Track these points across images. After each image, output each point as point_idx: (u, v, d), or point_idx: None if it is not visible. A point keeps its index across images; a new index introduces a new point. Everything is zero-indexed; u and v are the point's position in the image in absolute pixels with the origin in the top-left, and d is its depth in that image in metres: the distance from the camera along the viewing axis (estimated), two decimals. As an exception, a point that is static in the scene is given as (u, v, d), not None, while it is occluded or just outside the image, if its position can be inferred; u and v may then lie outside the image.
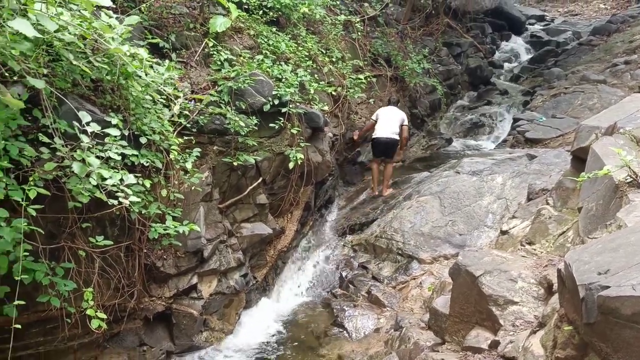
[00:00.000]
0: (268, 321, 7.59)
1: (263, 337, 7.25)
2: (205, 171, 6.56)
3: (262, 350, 6.95)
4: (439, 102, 14.70)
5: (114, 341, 6.03)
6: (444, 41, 16.35)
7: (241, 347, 6.96)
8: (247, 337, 7.19)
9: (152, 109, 5.92)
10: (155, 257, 6.12)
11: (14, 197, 4.37)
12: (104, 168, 4.75)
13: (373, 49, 12.17)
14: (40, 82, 4.27)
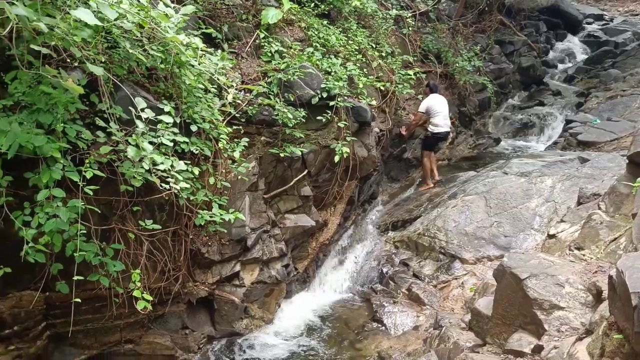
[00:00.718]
0: (307, 312, 7.63)
1: (302, 328, 7.30)
2: (252, 161, 6.65)
3: (301, 341, 7.00)
4: (489, 100, 14.41)
5: (158, 323, 6.20)
6: (496, 39, 16.00)
7: (280, 337, 7.04)
8: (286, 327, 7.26)
9: (203, 97, 6.04)
10: (200, 243, 6.24)
11: (72, 178, 4.54)
12: (157, 153, 4.88)
13: (423, 45, 12.03)
14: (99, 69, 4.42)
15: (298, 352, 6.75)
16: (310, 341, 7.00)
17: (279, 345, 6.89)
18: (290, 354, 6.71)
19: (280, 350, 6.76)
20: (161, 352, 6.17)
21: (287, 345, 6.88)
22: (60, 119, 4.63)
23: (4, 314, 5.08)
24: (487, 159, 12.31)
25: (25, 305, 5.18)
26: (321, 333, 7.20)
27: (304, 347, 6.86)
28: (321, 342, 6.99)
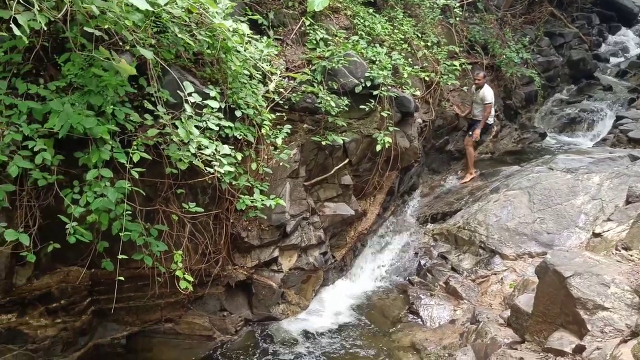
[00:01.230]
0: (343, 301, 7.66)
1: (337, 316, 7.33)
2: (294, 148, 6.67)
3: (336, 329, 7.03)
4: (536, 94, 14.03)
5: (197, 304, 6.33)
6: (545, 31, 15.52)
7: (315, 323, 7.09)
8: (322, 314, 7.31)
9: (248, 83, 6.08)
10: (240, 228, 6.33)
11: (119, 159, 4.66)
12: (203, 137, 4.95)
13: (470, 36, 11.79)
14: (148, 53, 4.50)
15: (332, 339, 6.79)
16: (346, 329, 7.03)
17: (314, 331, 6.94)
18: (325, 340, 6.75)
19: (315, 337, 6.82)
20: (199, 333, 6.31)
21: (321, 332, 6.92)
22: (110, 101, 4.74)
23: (52, 288, 5.29)
24: (532, 154, 12.02)
25: (72, 280, 5.37)
26: (356, 322, 7.22)
27: (339, 334, 6.90)
28: (356, 330, 7.01)
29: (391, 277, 8.39)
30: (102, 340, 5.83)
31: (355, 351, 6.53)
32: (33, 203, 4.76)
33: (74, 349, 5.55)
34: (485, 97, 9.79)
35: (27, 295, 5.16)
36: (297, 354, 6.46)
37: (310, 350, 6.53)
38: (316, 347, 6.60)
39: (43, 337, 5.32)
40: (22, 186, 4.67)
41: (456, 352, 5.94)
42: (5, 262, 4.86)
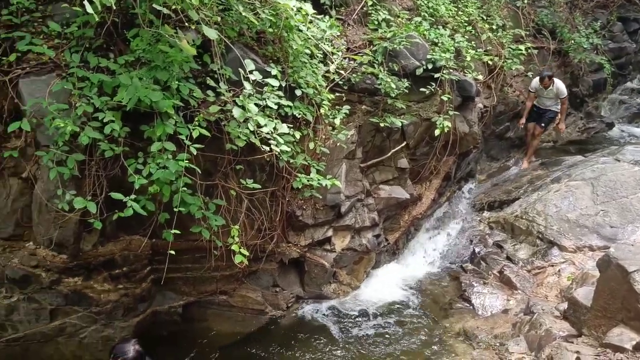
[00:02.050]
0: (394, 284, 7.65)
1: (388, 298, 7.33)
2: (352, 129, 6.66)
3: (385, 311, 7.04)
4: (604, 82, 13.40)
5: (251, 278, 6.47)
6: (619, 15, 14.73)
7: (366, 305, 7.12)
8: (372, 296, 7.32)
9: (309, 63, 6.09)
10: (296, 206, 6.40)
11: (182, 133, 4.78)
12: (261, 115, 5.01)
13: (537, 19, 11.35)
14: (213, 33, 4.55)
15: (382, 321, 6.81)
16: (395, 312, 7.02)
17: (364, 312, 6.97)
18: (374, 322, 6.78)
19: (364, 318, 6.85)
20: (252, 306, 6.46)
21: (372, 314, 6.95)
22: (175, 76, 4.87)
23: (116, 255, 5.52)
24: (597, 144, 11.56)
25: (134, 249, 5.59)
26: (407, 305, 7.20)
27: (389, 317, 6.90)
28: (406, 314, 6.99)
29: (443, 263, 8.31)
30: (160, 308, 6.06)
31: (404, 335, 6.53)
32: (100, 173, 4.97)
33: (133, 315, 5.80)
34: (560, 91, 9.63)
35: (92, 260, 5.41)
36: (346, 333, 6.52)
37: (359, 331, 6.57)
38: (365, 328, 6.64)
39: (106, 301, 5.58)
40: (91, 156, 4.88)
41: (508, 342, 5.85)
42: (73, 228, 5.10)
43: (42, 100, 4.60)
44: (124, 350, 3.81)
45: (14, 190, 5.17)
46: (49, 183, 4.86)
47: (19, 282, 5.35)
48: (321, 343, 6.35)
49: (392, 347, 6.27)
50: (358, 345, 6.32)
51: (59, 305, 5.49)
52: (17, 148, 4.97)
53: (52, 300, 5.45)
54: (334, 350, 6.22)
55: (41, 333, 5.50)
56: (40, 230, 5.15)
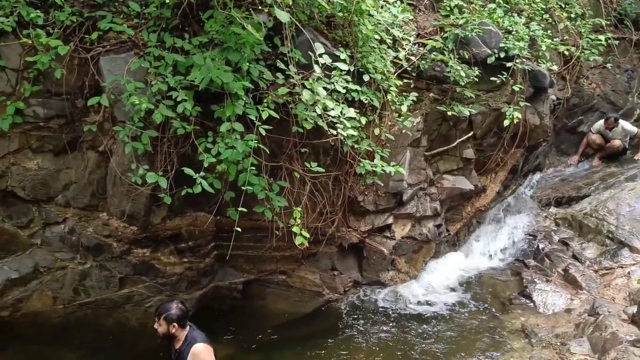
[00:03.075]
0: (453, 275, 7.56)
1: (446, 289, 7.27)
2: (418, 117, 6.58)
3: (442, 302, 6.97)
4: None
5: (310, 260, 6.56)
6: None
7: (423, 294, 7.08)
8: (430, 286, 7.27)
9: (378, 48, 6.05)
10: (357, 192, 6.41)
11: (250, 115, 4.87)
12: (329, 99, 5.03)
13: (620, 8, 10.75)
14: (285, 16, 4.57)
15: (439, 311, 6.75)
16: (453, 304, 6.94)
17: (421, 302, 6.94)
18: (432, 312, 6.73)
19: (421, 307, 6.82)
20: (310, 288, 6.55)
21: (429, 304, 6.90)
22: (247, 58, 4.95)
23: (182, 230, 5.73)
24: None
25: (200, 225, 5.77)
26: (465, 298, 7.11)
27: (446, 308, 6.83)
28: (464, 306, 6.90)
29: (505, 257, 8.13)
30: (221, 283, 6.25)
31: (461, 327, 6.45)
32: (172, 150, 5.14)
33: (196, 288, 6.01)
34: (629, 131, 9.32)
35: (160, 233, 5.63)
36: (400, 322, 6.51)
37: (414, 320, 6.54)
38: (420, 318, 6.60)
39: (171, 273, 5.80)
40: (164, 133, 5.05)
41: (570, 342, 5.69)
42: (144, 201, 5.32)
43: (120, 78, 4.79)
44: (168, 308, 4.00)
45: (91, 162, 5.43)
46: (124, 157, 5.08)
47: (92, 250, 5.65)
48: (375, 329, 6.37)
49: (446, 339, 6.21)
50: (412, 334, 6.30)
51: (127, 274, 5.77)
52: (96, 123, 5.21)
53: (121, 269, 5.74)
54: (387, 338, 6.23)
55: (110, 299, 5.80)
56: (113, 202, 5.41)
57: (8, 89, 5.09)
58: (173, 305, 4.04)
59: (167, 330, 4.01)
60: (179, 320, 3.99)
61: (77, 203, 5.57)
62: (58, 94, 5.13)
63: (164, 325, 4.00)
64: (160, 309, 4.08)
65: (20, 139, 5.28)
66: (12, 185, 5.41)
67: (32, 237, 5.66)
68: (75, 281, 5.76)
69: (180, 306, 4.06)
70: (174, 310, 3.98)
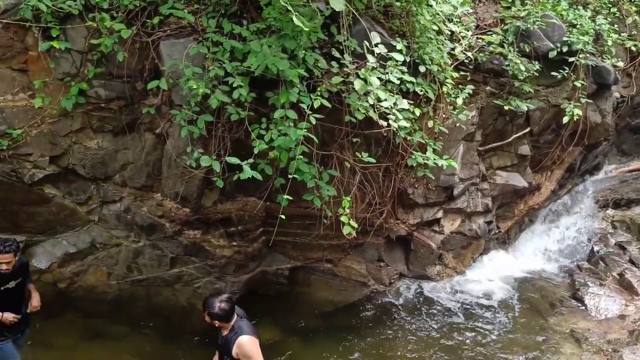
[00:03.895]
0: (502, 273, 7.42)
1: (493, 287, 7.13)
2: (473, 110, 6.45)
3: (489, 300, 6.86)
4: None
5: (357, 250, 6.56)
6: None
7: (470, 290, 6.98)
8: (477, 283, 7.16)
9: (435, 39, 5.96)
10: (408, 184, 6.36)
11: (304, 102, 4.89)
12: (382, 90, 4.98)
13: (694, 3, 10.21)
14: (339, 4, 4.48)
15: (485, 310, 6.64)
16: (500, 302, 6.82)
17: (467, 299, 6.84)
18: (478, 310, 6.63)
19: (467, 304, 6.72)
20: (355, 278, 6.56)
21: (476, 301, 6.80)
22: (303, 46, 4.96)
23: (232, 214, 5.83)
24: None
25: (249, 210, 5.86)
26: (512, 297, 6.96)
27: (492, 307, 6.72)
28: (511, 306, 6.77)
29: (557, 258, 7.93)
30: (268, 268, 6.33)
31: (507, 327, 6.33)
32: (226, 135, 5.22)
33: (243, 272, 6.11)
34: None
35: (211, 216, 5.75)
36: (446, 318, 6.45)
37: (458, 317, 6.47)
38: (465, 315, 6.52)
39: (220, 256, 5.92)
40: (219, 118, 5.13)
41: (623, 349, 5.52)
42: (198, 184, 5.44)
43: (179, 62, 4.89)
44: (212, 305, 3.98)
45: (147, 144, 5.58)
46: (179, 140, 5.20)
47: (146, 229, 5.82)
48: (419, 323, 6.34)
49: (492, 339, 6.11)
50: (457, 330, 6.23)
51: (178, 254, 5.92)
52: (154, 105, 5.34)
53: (173, 249, 5.89)
54: (430, 332, 6.19)
55: (161, 278, 5.97)
56: (168, 184, 5.55)
57: (73, 70, 5.27)
58: (216, 304, 3.97)
59: (211, 324, 4.05)
60: (220, 319, 3.94)
61: (133, 183, 5.74)
62: (119, 76, 5.29)
63: (208, 319, 4.04)
64: (206, 303, 4.06)
65: (82, 119, 5.47)
66: (73, 163, 5.63)
67: (90, 214, 5.89)
68: (129, 258, 5.96)
69: (223, 306, 3.97)
70: (217, 310, 3.94)
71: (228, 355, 4.02)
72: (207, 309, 4.00)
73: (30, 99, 5.37)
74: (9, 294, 4.64)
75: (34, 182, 5.60)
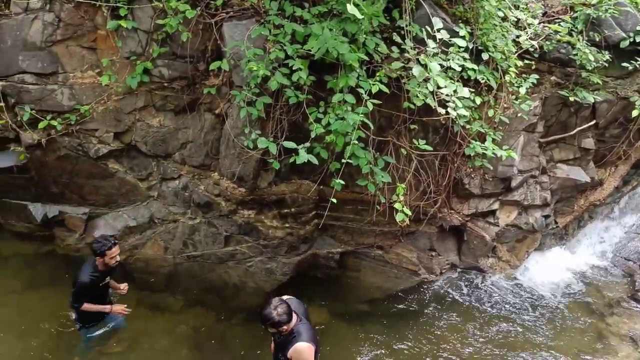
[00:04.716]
0: (557, 270, 7.22)
1: (547, 284, 6.95)
2: (536, 100, 6.24)
3: (543, 296, 6.69)
4: None
5: (409, 238, 6.51)
6: None
7: (522, 286, 6.82)
8: (531, 279, 7.00)
9: (500, 26, 5.79)
10: (464, 174, 6.24)
11: (363, 87, 4.86)
12: (442, 77, 4.89)
13: None
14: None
15: (538, 306, 6.50)
16: (554, 300, 6.65)
17: (520, 293, 6.70)
18: (530, 306, 6.49)
19: (520, 299, 6.58)
20: (405, 266, 6.52)
21: (528, 297, 6.65)
22: (364, 30, 4.92)
23: (286, 196, 5.88)
24: None
25: (303, 192, 5.90)
26: (567, 295, 6.78)
27: (546, 304, 6.56)
28: (566, 304, 6.59)
29: (617, 257, 7.64)
30: (319, 251, 6.37)
31: (560, 325, 6.18)
32: (283, 117, 5.26)
33: (295, 253, 6.18)
34: None
35: (265, 197, 5.83)
36: (497, 311, 6.34)
37: (511, 312, 6.35)
38: (518, 310, 6.39)
39: (273, 236, 6.00)
40: (277, 101, 5.17)
41: (685, 355, 5.28)
42: (254, 165, 5.52)
43: (241, 44, 4.95)
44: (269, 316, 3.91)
45: (207, 124, 5.70)
46: (238, 121, 5.28)
47: (202, 207, 5.97)
48: (469, 315, 6.26)
49: (544, 336, 5.98)
50: (507, 325, 6.13)
51: (232, 233, 6.04)
52: (215, 86, 5.43)
53: (227, 227, 6.02)
54: (480, 325, 6.10)
55: (215, 255, 6.11)
56: (225, 163, 5.65)
57: (139, 50, 5.43)
58: (273, 312, 3.91)
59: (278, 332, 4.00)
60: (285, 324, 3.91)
61: (192, 161, 5.88)
62: (182, 56, 5.40)
63: (274, 329, 3.97)
64: (263, 318, 3.96)
65: (146, 97, 5.64)
66: (136, 139, 5.82)
67: (150, 190, 6.08)
68: (185, 234, 6.13)
69: (279, 310, 3.92)
70: (277, 318, 3.89)
71: (283, 354, 4.04)
72: (268, 322, 3.92)
73: (98, 76, 5.58)
74: (105, 288, 5.18)
75: (98, 156, 5.84)
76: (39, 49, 5.46)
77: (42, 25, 5.40)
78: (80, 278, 4.88)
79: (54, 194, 6.14)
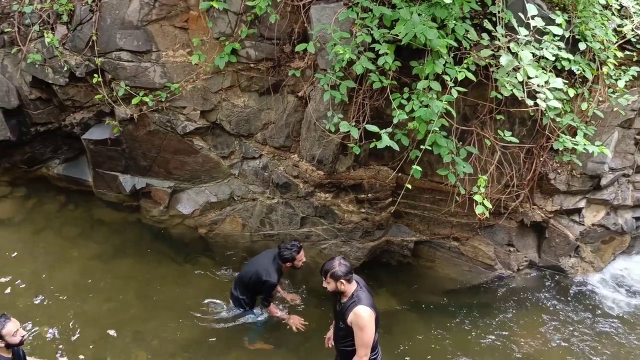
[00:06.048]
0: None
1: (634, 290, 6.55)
2: (635, 95, 5.85)
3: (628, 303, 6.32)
4: None
5: (487, 232, 6.33)
6: None
7: (606, 290, 6.47)
8: (616, 283, 6.62)
9: (600, 14, 5.47)
10: (550, 168, 5.97)
11: (449, 75, 4.74)
12: (533, 66, 4.68)
13: None
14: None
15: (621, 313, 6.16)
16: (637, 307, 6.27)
17: (603, 298, 6.37)
18: (613, 312, 6.16)
19: (602, 304, 6.26)
20: (481, 259, 6.36)
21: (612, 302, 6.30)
22: (454, 15, 4.79)
23: (364, 181, 5.88)
24: None
25: (381, 179, 5.87)
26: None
27: (631, 311, 6.20)
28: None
29: None
30: (393, 239, 6.34)
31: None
32: (366, 102, 5.24)
33: (370, 239, 6.18)
34: None
35: (343, 181, 5.85)
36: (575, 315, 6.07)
37: (591, 317, 6.05)
38: (599, 316, 6.08)
39: (348, 221, 6.03)
40: (361, 85, 5.15)
41: None
42: (334, 149, 5.54)
43: (328, 26, 4.95)
44: (332, 266, 4.02)
45: (289, 106, 5.78)
46: (320, 104, 5.31)
47: (280, 187, 6.08)
48: (545, 316, 6.04)
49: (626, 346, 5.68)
50: (586, 330, 5.86)
51: (308, 214, 6.12)
52: (299, 68, 5.49)
53: (304, 209, 6.10)
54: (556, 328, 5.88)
55: (291, 235, 6.21)
56: (305, 146, 5.71)
57: (228, 30, 5.56)
58: (336, 262, 4.05)
59: (335, 287, 4.02)
60: (345, 276, 3.99)
61: (273, 142, 5.99)
62: (269, 38, 5.49)
63: (332, 283, 4.02)
64: (325, 267, 4.10)
65: (232, 77, 5.79)
66: (220, 118, 6.00)
67: (232, 168, 6.27)
68: (262, 213, 6.27)
69: (342, 262, 4.07)
70: (338, 267, 3.99)
71: (343, 322, 4.07)
72: (329, 271, 4.03)
73: (188, 55, 5.78)
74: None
75: (185, 133, 6.07)
76: (135, 28, 5.72)
77: (139, 4, 5.65)
78: (271, 278, 5.24)
79: (142, 166, 6.46)
